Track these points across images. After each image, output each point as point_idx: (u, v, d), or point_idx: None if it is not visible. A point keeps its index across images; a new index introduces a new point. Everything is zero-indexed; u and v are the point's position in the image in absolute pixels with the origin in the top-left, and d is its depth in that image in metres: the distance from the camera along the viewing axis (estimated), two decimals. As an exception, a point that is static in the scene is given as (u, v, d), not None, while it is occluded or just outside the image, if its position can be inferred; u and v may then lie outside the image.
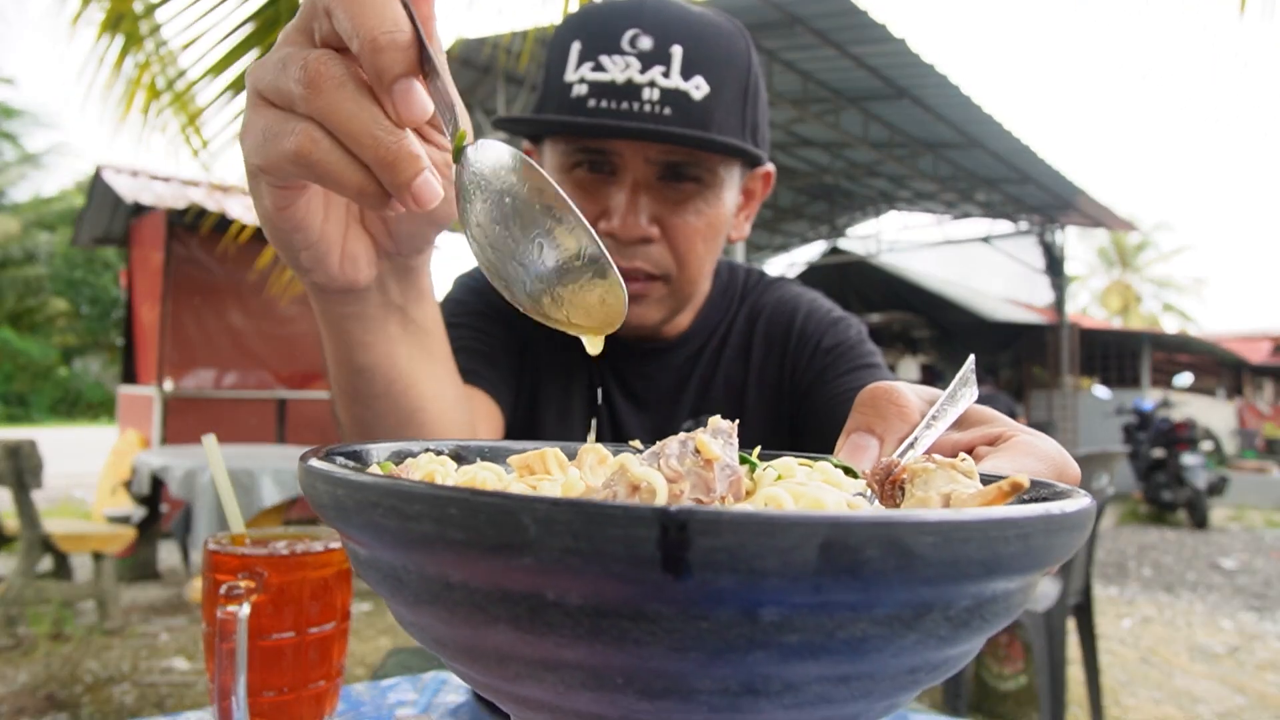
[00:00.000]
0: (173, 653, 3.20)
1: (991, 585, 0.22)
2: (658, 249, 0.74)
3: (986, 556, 0.20)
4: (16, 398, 21.44)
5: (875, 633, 0.20)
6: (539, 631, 0.21)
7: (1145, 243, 28.65)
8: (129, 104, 2.70)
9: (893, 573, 0.19)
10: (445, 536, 0.20)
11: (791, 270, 13.86)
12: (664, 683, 0.21)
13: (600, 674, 0.21)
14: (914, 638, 0.21)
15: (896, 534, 0.19)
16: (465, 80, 7.64)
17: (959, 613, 0.21)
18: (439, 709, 0.69)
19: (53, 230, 21.19)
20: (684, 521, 0.18)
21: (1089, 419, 10.33)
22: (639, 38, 0.69)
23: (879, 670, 0.22)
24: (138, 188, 5.90)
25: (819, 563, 0.18)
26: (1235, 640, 3.82)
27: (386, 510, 0.22)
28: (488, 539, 0.20)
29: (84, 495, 7.69)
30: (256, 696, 0.55)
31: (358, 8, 0.33)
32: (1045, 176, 8.65)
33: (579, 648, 0.20)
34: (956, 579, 0.20)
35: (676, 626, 0.20)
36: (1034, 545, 0.21)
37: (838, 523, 0.18)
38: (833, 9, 5.51)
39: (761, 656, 0.20)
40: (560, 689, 0.22)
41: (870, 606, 0.20)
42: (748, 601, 0.19)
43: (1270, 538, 6.92)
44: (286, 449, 4.86)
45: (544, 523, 0.19)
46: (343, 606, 0.60)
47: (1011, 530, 0.20)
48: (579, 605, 0.20)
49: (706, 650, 0.20)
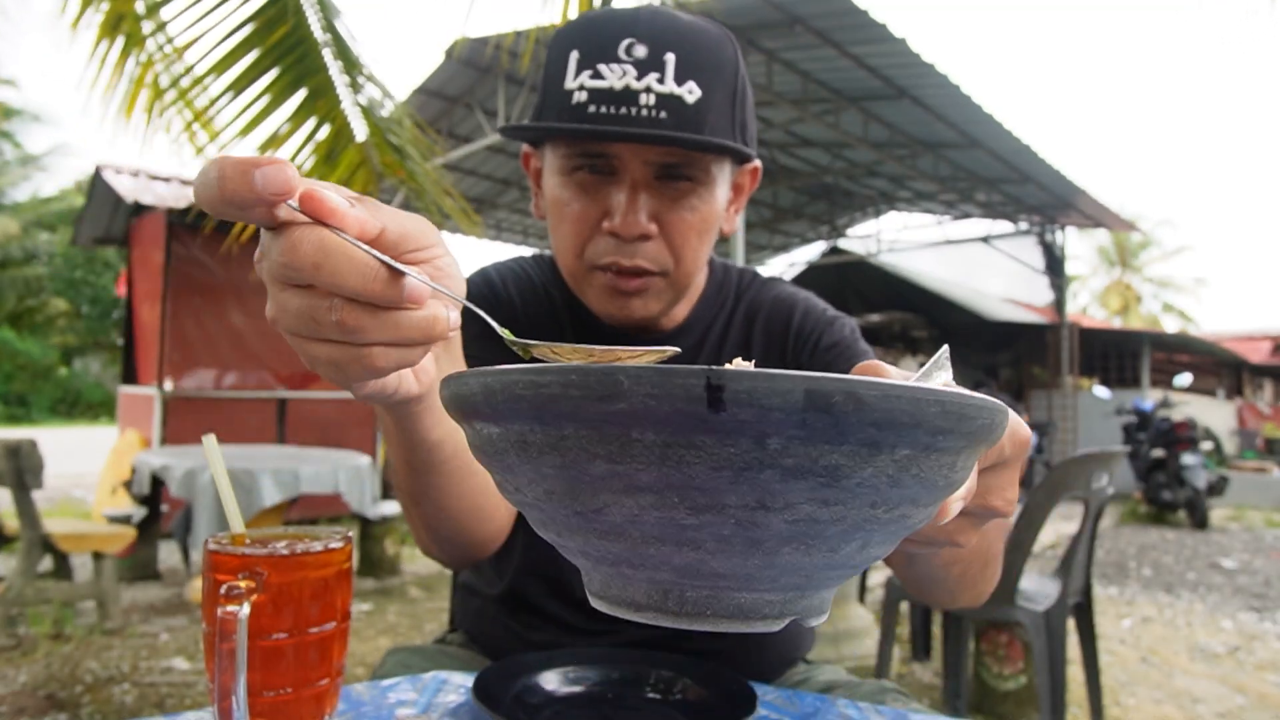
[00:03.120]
0: (173, 653, 3.20)
1: (922, 440, 0.30)
2: (656, 245, 0.78)
3: (915, 412, 0.29)
4: (16, 398, 21.44)
5: (843, 462, 0.29)
6: (625, 461, 0.29)
7: (1146, 242, 28.66)
8: (132, 103, 2.70)
9: (852, 414, 0.27)
10: (568, 394, 0.29)
11: (791, 270, 13.86)
12: (705, 498, 0.29)
13: (663, 494, 0.29)
14: (870, 471, 0.29)
15: (853, 387, 0.27)
16: (466, 80, 7.65)
17: (901, 458, 0.30)
18: (439, 709, 0.70)
19: (53, 230, 21.19)
20: (720, 374, 0.27)
21: (1089, 419, 10.33)
22: (634, 46, 0.73)
23: (848, 498, 0.30)
24: (138, 187, 5.90)
25: (804, 404, 0.27)
26: (1235, 640, 3.82)
27: (525, 384, 0.30)
28: (595, 393, 0.28)
29: (84, 495, 7.69)
30: (256, 696, 0.55)
31: (332, 274, 0.38)
32: (1045, 176, 8.65)
33: (651, 472, 0.29)
34: (895, 427, 0.28)
35: (715, 451, 0.28)
36: (950, 412, 0.29)
37: (814, 379, 0.27)
38: (833, 9, 5.50)
39: (770, 475, 0.28)
40: (635, 510, 0.30)
41: (839, 441, 0.28)
42: (759, 432, 0.28)
43: (1270, 538, 6.92)
44: (286, 449, 4.87)
45: (633, 378, 0.28)
46: (343, 606, 0.60)
47: (933, 398, 0.29)
48: (652, 439, 0.28)
49: (734, 469, 0.28)
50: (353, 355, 0.42)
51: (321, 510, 5.80)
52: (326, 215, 0.38)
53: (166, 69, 2.70)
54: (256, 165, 0.36)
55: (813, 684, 0.91)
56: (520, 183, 10.00)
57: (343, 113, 2.86)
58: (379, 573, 4.69)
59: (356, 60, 2.76)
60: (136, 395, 6.09)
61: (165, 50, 2.65)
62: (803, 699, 0.77)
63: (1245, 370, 15.82)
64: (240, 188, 0.36)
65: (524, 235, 12.04)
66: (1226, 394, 14.45)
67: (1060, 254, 11.05)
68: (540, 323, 0.89)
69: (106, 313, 21.35)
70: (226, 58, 2.66)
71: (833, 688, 0.89)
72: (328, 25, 2.70)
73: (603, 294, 0.80)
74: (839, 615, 3.03)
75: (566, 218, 0.79)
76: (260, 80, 2.71)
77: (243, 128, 2.75)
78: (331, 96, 2.82)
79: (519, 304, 0.89)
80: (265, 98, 2.73)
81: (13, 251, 20.27)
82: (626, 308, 0.81)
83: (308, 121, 2.83)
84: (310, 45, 2.71)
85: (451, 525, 0.70)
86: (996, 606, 2.33)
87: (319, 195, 0.38)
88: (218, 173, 0.36)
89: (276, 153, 2.86)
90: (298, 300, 0.41)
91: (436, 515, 0.69)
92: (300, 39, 2.68)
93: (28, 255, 20.76)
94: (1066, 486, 2.32)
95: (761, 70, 6.57)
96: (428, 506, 0.67)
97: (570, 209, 0.79)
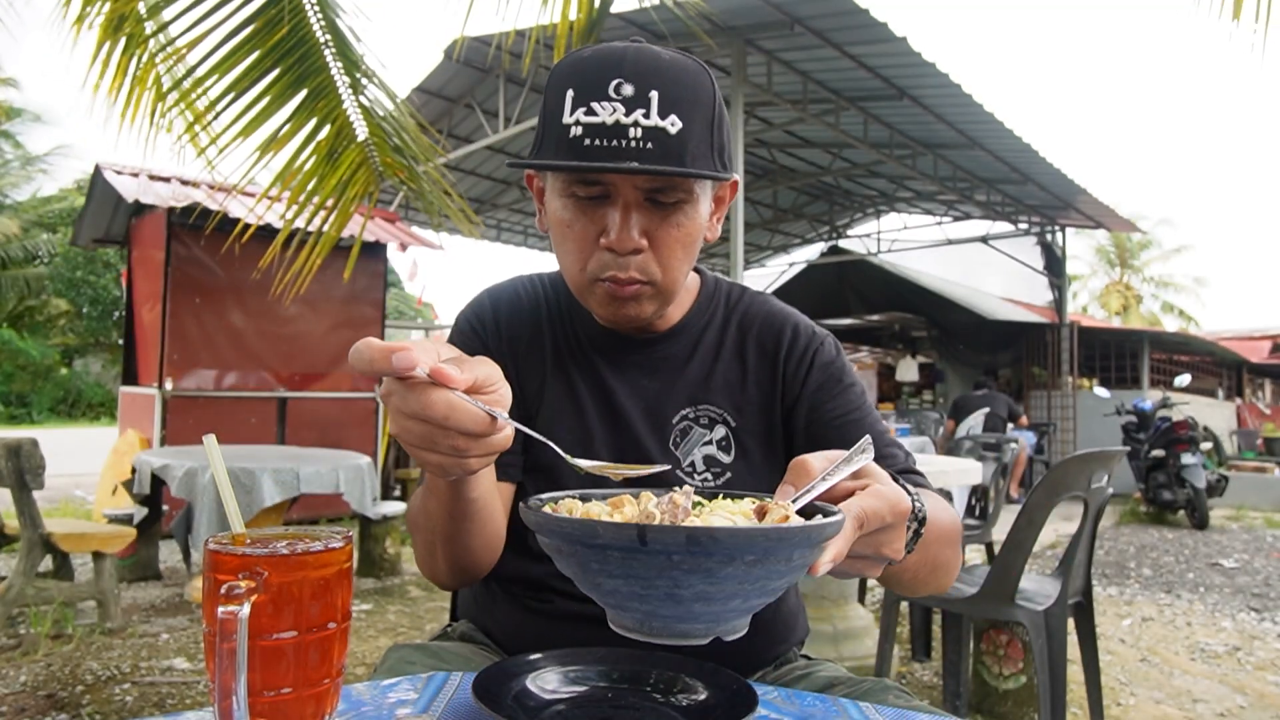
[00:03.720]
0: (173, 653, 3.21)
1: (758, 553, 0.52)
2: (646, 258, 0.90)
3: (748, 542, 0.52)
4: (17, 398, 21.43)
5: (713, 566, 0.52)
6: (605, 565, 0.54)
7: (1146, 242, 28.63)
8: (135, 104, 2.70)
9: (712, 545, 0.51)
10: (573, 535, 0.55)
11: (791, 270, 13.85)
12: (646, 583, 0.54)
13: (626, 579, 0.54)
14: (731, 569, 0.52)
15: (713, 532, 0.51)
16: (466, 80, 7.65)
17: (749, 561, 0.52)
18: (439, 709, 0.70)
19: (53, 230, 21.19)
20: (644, 528, 0.51)
21: (1089, 419, 10.32)
22: (622, 85, 0.84)
23: (723, 581, 0.53)
24: (138, 187, 5.89)
25: (686, 541, 0.51)
26: (1235, 640, 3.82)
27: (552, 528, 0.56)
28: (587, 535, 0.53)
29: (84, 495, 7.70)
30: (257, 696, 0.55)
31: (457, 424, 0.59)
32: (1045, 176, 8.65)
33: (619, 570, 0.54)
34: (739, 549, 0.51)
35: (647, 561, 0.52)
36: (772, 539, 0.53)
37: (693, 530, 0.51)
38: (833, 9, 5.50)
39: (675, 573, 0.52)
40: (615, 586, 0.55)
41: (708, 556, 0.51)
42: (666, 553, 0.51)
43: (1270, 538, 6.92)
44: (286, 449, 4.87)
45: (605, 528, 0.53)
46: (343, 606, 0.60)
47: (760, 533, 0.53)
48: (617, 555, 0.53)
49: (658, 569, 0.52)
50: (456, 463, 0.64)
51: (322, 510, 5.80)
52: (447, 381, 0.58)
53: (168, 70, 2.70)
54: (394, 351, 0.57)
55: (813, 682, 0.92)
56: (520, 183, 10.01)
57: (344, 112, 2.86)
58: (379, 572, 4.69)
59: (357, 60, 2.76)
60: (137, 395, 6.09)
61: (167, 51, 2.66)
62: (803, 698, 0.77)
63: (1245, 370, 15.80)
64: (384, 366, 0.57)
65: (524, 235, 12.04)
66: (1226, 394, 14.44)
67: (1060, 254, 11.04)
68: (521, 337, 1.03)
69: (107, 313, 21.34)
70: (227, 58, 2.66)
71: (833, 686, 0.90)
72: (329, 25, 2.70)
73: (603, 301, 0.92)
74: (839, 615, 3.03)
75: (569, 237, 0.91)
76: (261, 81, 2.71)
77: (244, 127, 2.75)
78: (333, 96, 2.82)
79: (504, 328, 1.04)
80: (266, 98, 2.73)
81: (13, 251, 20.27)
82: (623, 311, 0.92)
83: (309, 122, 2.83)
84: (311, 45, 2.71)
85: (471, 558, 0.88)
86: (996, 606, 2.33)
87: (442, 370, 0.58)
88: (369, 354, 0.57)
89: (277, 153, 2.86)
90: (420, 428, 0.60)
91: (463, 552, 0.87)
92: (301, 39, 2.69)
93: (28, 255, 20.76)
94: (1066, 486, 2.32)
95: (761, 70, 6.57)
96: (456, 545, 0.86)
97: (572, 229, 0.90)
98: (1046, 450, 9.96)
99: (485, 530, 0.86)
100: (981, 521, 4.10)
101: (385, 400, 0.61)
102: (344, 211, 3.05)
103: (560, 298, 1.05)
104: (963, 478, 3.03)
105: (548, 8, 2.59)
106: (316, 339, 6.42)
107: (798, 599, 1.08)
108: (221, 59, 2.65)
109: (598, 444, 0.97)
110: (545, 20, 2.62)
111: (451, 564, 0.88)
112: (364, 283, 6.67)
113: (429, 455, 0.62)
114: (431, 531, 0.85)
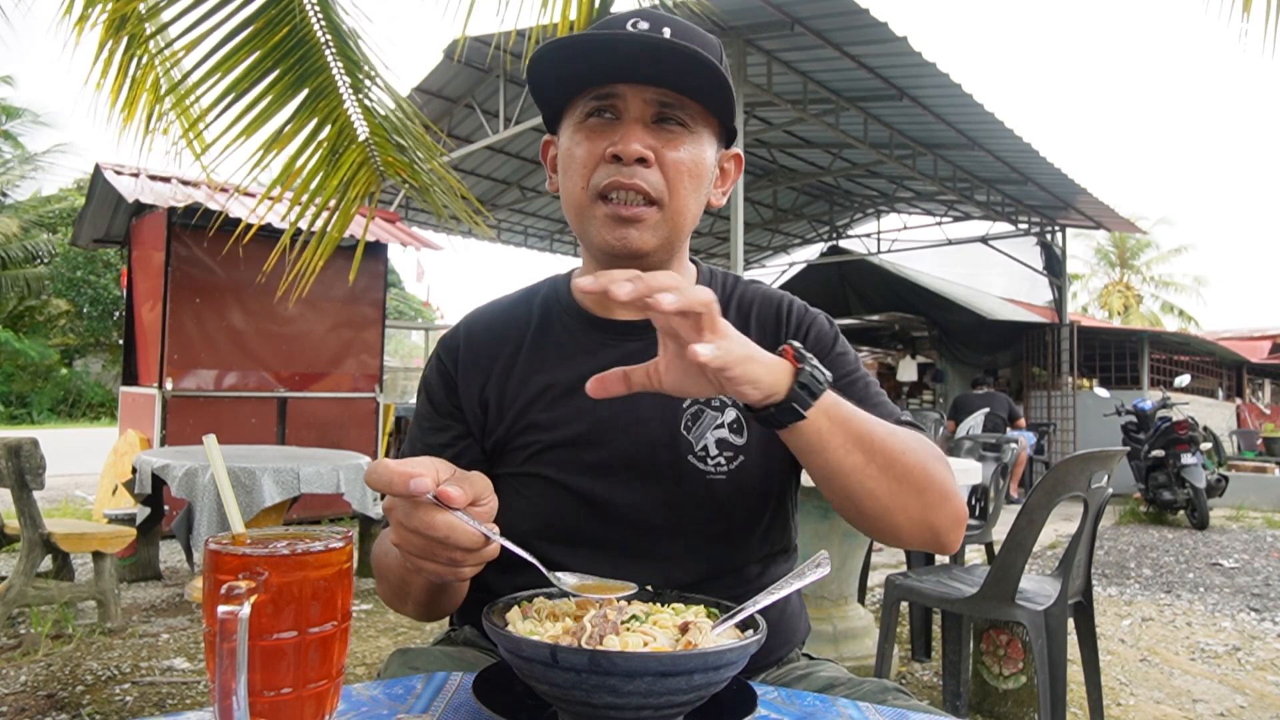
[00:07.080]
0: (173, 653, 3.21)
1: (655, 672, 0.59)
2: (652, 172, 0.90)
3: (644, 664, 0.59)
4: (17, 398, 21.42)
5: (617, 684, 0.59)
6: (552, 672, 0.60)
7: (1146, 242, 28.62)
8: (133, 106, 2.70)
9: (611, 667, 0.58)
10: (524, 655, 0.61)
11: (791, 270, 13.86)
12: (570, 689, 0.60)
13: (560, 686, 0.61)
14: (634, 684, 0.59)
15: (611, 656, 0.59)
16: (466, 80, 7.66)
17: (646, 682, 0.59)
18: (439, 709, 0.70)
19: (53, 230, 21.17)
20: (556, 648, 0.60)
21: (1088, 419, 10.31)
22: (638, 23, 0.88)
23: (630, 692, 0.59)
24: (138, 187, 5.88)
25: (589, 663, 0.58)
26: (1235, 640, 3.82)
27: (511, 647, 0.62)
28: (536, 655, 0.61)
29: (85, 495, 7.70)
30: (257, 696, 0.55)
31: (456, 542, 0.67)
32: (1045, 176, 8.64)
33: (542, 680, 0.62)
34: (638, 670, 0.59)
35: (558, 675, 0.60)
36: (664, 662, 0.59)
37: (596, 654, 0.59)
38: (833, 9, 5.50)
39: (584, 689, 0.60)
40: (556, 686, 0.61)
41: (610, 674, 0.58)
42: (574, 671, 0.59)
43: (1270, 538, 6.92)
44: (287, 449, 4.87)
45: (529, 645, 0.61)
46: (343, 606, 0.60)
47: (654, 659, 0.59)
48: (539, 666, 0.61)
49: (575, 679, 0.59)
50: (450, 571, 0.70)
51: (322, 510, 5.80)
52: (449, 502, 0.65)
53: (167, 72, 2.70)
54: (411, 477, 0.64)
55: (813, 682, 0.92)
56: (520, 183, 10.00)
57: (345, 112, 2.86)
58: (379, 573, 4.68)
59: (358, 60, 2.76)
60: (137, 395, 6.09)
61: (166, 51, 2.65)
62: (803, 698, 0.77)
63: (1245, 370, 15.79)
64: (400, 489, 0.63)
65: (524, 235, 12.04)
66: (1226, 394, 14.43)
67: (1060, 254, 11.04)
68: (487, 356, 1.00)
69: (107, 313, 21.32)
70: (228, 58, 2.66)
71: (833, 686, 0.90)
72: (329, 25, 2.70)
73: (605, 223, 0.90)
74: (839, 615, 3.02)
75: (576, 157, 0.91)
76: (262, 81, 2.71)
77: (245, 128, 2.75)
78: (334, 96, 2.82)
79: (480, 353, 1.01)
80: (267, 98, 2.73)
81: (13, 251, 20.26)
82: (625, 237, 0.90)
83: (310, 122, 2.83)
84: (312, 45, 2.71)
85: (441, 610, 0.92)
86: (996, 606, 2.33)
87: (446, 493, 0.65)
88: (387, 477, 0.64)
89: (278, 153, 2.86)
90: (421, 541, 0.67)
91: (435, 607, 0.91)
92: (302, 39, 2.68)
93: (28, 255, 20.75)
94: (1066, 486, 2.32)
95: (761, 70, 6.56)
96: (433, 605, 0.89)
97: (580, 149, 0.91)
98: (1046, 450, 9.96)
99: (461, 591, 0.89)
100: (981, 521, 4.10)
101: (389, 513, 0.69)
102: (346, 212, 3.05)
103: (566, 294, 1.04)
104: (962, 478, 3.03)
105: (548, 8, 2.59)
106: (317, 339, 6.42)
107: (799, 599, 1.08)
108: (222, 59, 2.65)
109: (609, 433, 0.93)
110: (545, 20, 2.62)
111: (424, 614, 0.92)
112: (364, 283, 6.66)
113: (426, 563, 0.69)
114: (404, 586, 0.87)
